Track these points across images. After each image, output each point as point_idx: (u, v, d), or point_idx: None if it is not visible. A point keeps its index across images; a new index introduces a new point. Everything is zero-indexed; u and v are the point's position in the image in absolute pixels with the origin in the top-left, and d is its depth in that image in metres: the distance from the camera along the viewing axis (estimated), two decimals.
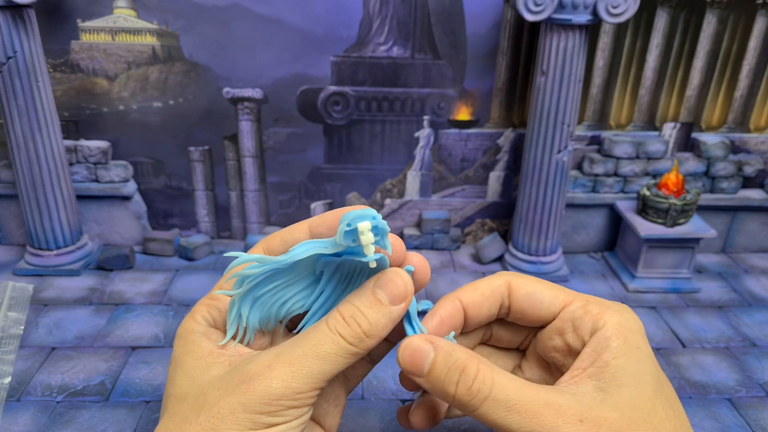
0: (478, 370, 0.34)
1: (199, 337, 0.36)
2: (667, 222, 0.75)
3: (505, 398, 0.33)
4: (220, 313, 0.37)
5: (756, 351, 0.66)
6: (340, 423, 0.53)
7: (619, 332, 0.36)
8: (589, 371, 0.35)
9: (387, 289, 0.34)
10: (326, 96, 0.79)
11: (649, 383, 0.34)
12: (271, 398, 0.32)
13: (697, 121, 0.83)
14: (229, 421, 0.31)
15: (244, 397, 0.32)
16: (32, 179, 0.71)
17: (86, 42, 0.75)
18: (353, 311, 0.34)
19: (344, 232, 0.32)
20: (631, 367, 0.35)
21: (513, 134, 0.82)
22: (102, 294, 0.72)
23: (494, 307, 0.40)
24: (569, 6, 0.63)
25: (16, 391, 0.56)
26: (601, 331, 0.36)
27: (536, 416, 0.32)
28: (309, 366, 0.33)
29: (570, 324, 0.38)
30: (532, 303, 0.39)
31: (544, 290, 0.39)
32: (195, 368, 0.34)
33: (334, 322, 0.34)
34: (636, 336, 0.36)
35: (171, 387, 0.35)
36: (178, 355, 0.36)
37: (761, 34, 0.78)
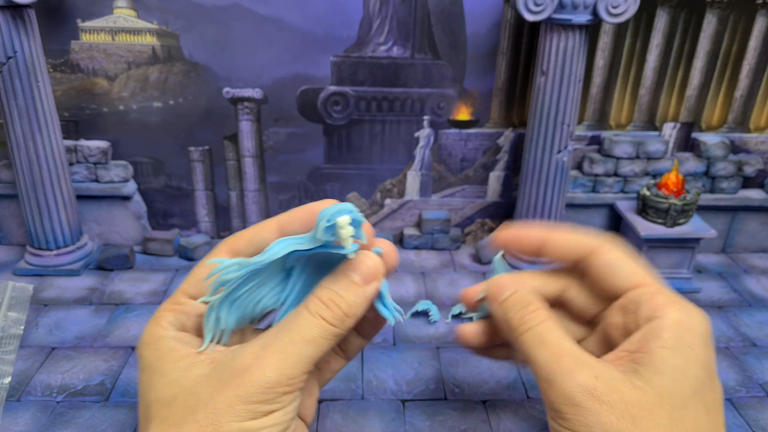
0: (538, 308, 0.39)
1: (171, 341, 0.36)
2: (667, 222, 0.75)
3: (543, 335, 0.37)
4: (188, 317, 0.38)
5: (756, 351, 0.66)
6: (341, 423, 0.53)
7: (675, 327, 0.36)
8: (633, 356, 0.36)
9: (359, 270, 0.36)
10: (326, 96, 0.79)
11: (689, 381, 0.34)
12: (267, 387, 0.33)
13: (697, 121, 0.83)
14: (228, 414, 0.32)
15: (239, 389, 0.33)
16: (32, 179, 0.71)
17: (86, 42, 0.75)
18: (331, 295, 0.36)
19: (324, 228, 0.33)
20: (675, 361, 0.34)
21: (513, 134, 0.82)
22: (102, 294, 0.72)
23: (572, 254, 0.42)
24: (569, 6, 0.63)
25: (16, 391, 0.56)
26: (658, 321, 0.36)
27: (559, 357, 0.35)
28: (298, 351, 0.34)
29: (634, 305, 0.38)
30: (608, 270, 0.40)
31: (624, 264, 0.40)
32: (176, 371, 0.35)
33: (314, 307, 0.35)
34: (693, 336, 0.36)
35: (151, 392, 0.35)
36: (151, 361, 0.36)
37: (761, 34, 0.78)
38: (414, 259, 0.83)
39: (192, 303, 0.38)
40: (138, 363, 0.37)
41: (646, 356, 0.35)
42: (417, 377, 0.60)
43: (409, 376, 0.60)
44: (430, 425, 0.54)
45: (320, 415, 0.54)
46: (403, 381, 0.59)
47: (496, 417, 0.55)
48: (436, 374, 0.60)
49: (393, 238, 0.86)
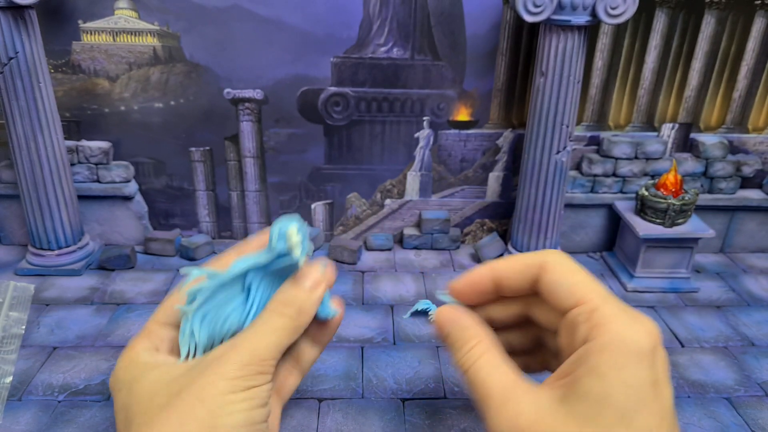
0: (472, 348, 0.40)
1: (146, 359, 0.40)
2: (665, 222, 0.75)
3: (475, 376, 0.39)
4: (161, 341, 0.42)
5: (754, 350, 0.66)
6: (341, 421, 0.53)
7: (606, 349, 0.35)
8: (564, 381, 0.36)
9: (308, 278, 0.42)
10: (326, 97, 0.79)
11: (612, 409, 0.33)
12: (243, 364, 0.38)
13: (695, 122, 0.83)
14: (210, 389, 0.36)
15: (218, 368, 0.37)
16: (34, 179, 0.71)
17: (87, 43, 0.75)
18: (287, 296, 0.42)
19: (276, 238, 0.40)
20: (599, 388, 0.34)
21: (512, 135, 0.82)
22: (103, 294, 0.72)
23: (525, 282, 0.42)
24: (568, 7, 0.64)
25: (18, 390, 0.56)
26: (589, 344, 0.35)
27: (488, 398, 0.38)
28: (266, 338, 0.39)
29: (572, 325, 0.38)
30: (551, 290, 0.40)
31: (565, 283, 0.39)
32: (154, 375, 0.39)
33: (274, 306, 0.41)
34: (625, 358, 0.34)
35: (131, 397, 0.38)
36: (128, 378, 0.39)
37: (760, 35, 0.78)
38: (414, 258, 0.84)
39: (163, 328, 0.43)
40: (113, 389, 0.40)
41: (573, 383, 0.35)
42: (416, 376, 0.60)
43: (409, 375, 0.60)
44: (429, 424, 0.54)
45: (321, 413, 0.55)
46: (403, 380, 0.59)
47: None
48: (436, 373, 0.60)
49: (393, 238, 0.87)
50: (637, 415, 0.33)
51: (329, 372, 0.60)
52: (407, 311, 0.71)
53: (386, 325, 0.68)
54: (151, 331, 0.43)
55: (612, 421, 0.33)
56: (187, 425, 0.35)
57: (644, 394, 0.34)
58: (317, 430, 0.53)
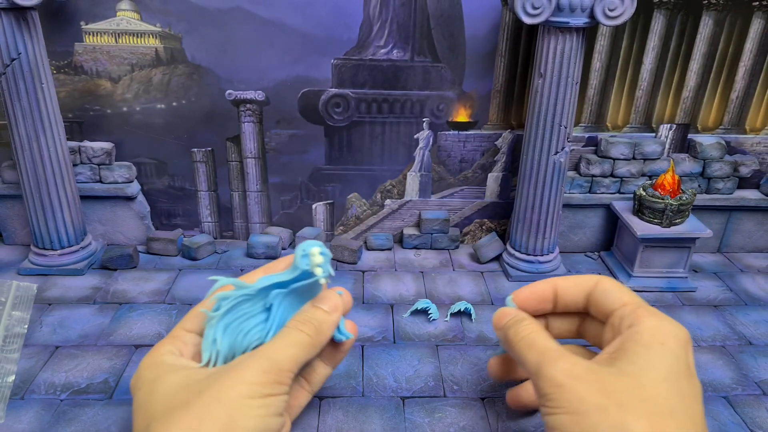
0: (529, 323, 0.46)
1: (170, 361, 0.43)
2: (663, 222, 0.75)
3: (532, 340, 0.44)
4: (186, 346, 0.45)
5: (752, 349, 0.66)
6: (342, 419, 0.54)
7: (649, 330, 0.41)
8: (612, 355, 0.41)
9: (325, 302, 0.47)
10: (327, 98, 0.79)
11: (659, 370, 0.38)
12: (264, 370, 0.40)
13: (693, 123, 0.84)
14: (232, 391, 0.38)
15: (240, 373, 0.39)
16: (36, 180, 0.72)
17: (90, 44, 0.75)
18: (306, 316, 0.45)
19: (302, 256, 0.44)
20: (648, 354, 0.39)
21: (511, 135, 0.83)
22: (106, 293, 0.73)
23: (580, 295, 0.49)
24: (566, 9, 0.64)
25: (20, 389, 0.57)
26: (634, 327, 0.42)
27: (545, 353, 0.42)
28: (286, 351, 0.42)
29: (619, 319, 0.44)
30: (603, 296, 0.47)
31: (615, 291, 0.47)
32: (176, 377, 0.41)
33: (295, 323, 0.45)
34: (666, 336, 0.40)
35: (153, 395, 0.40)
36: (151, 377, 0.41)
37: (757, 36, 0.78)
38: (414, 258, 0.84)
39: (189, 335, 0.45)
40: (134, 388, 0.42)
41: (621, 352, 0.41)
42: (416, 374, 0.60)
43: (409, 374, 0.60)
44: (429, 422, 0.54)
45: (321, 411, 0.55)
46: (403, 378, 0.60)
47: (494, 414, 0.55)
48: (435, 371, 0.61)
49: (393, 238, 0.87)
50: (680, 379, 0.38)
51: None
52: (407, 310, 0.71)
53: (386, 324, 0.68)
54: (177, 336, 0.45)
55: (657, 379, 0.38)
56: (205, 424, 0.37)
57: (685, 367, 0.39)
58: (318, 428, 0.53)
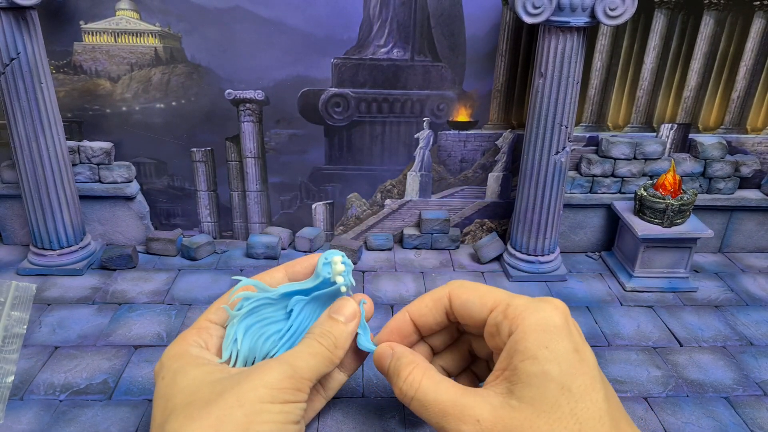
0: (409, 374, 0.42)
1: (195, 353, 0.43)
2: (664, 222, 0.75)
3: (424, 399, 0.41)
4: (210, 338, 0.45)
5: (753, 350, 0.66)
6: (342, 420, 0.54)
7: (529, 334, 0.39)
8: (505, 374, 0.40)
9: (341, 312, 0.46)
10: (327, 98, 0.79)
11: (554, 382, 0.37)
12: (285, 376, 0.40)
13: (694, 122, 0.83)
14: (252, 394, 0.38)
15: (261, 376, 0.39)
16: (35, 180, 0.72)
17: (89, 44, 0.75)
18: (323, 330, 0.45)
19: (324, 263, 0.46)
20: (536, 368, 0.38)
21: (511, 135, 0.83)
22: (105, 293, 0.73)
23: (439, 315, 0.47)
24: (567, 8, 0.64)
25: (19, 389, 0.56)
26: (514, 335, 0.40)
27: (444, 415, 0.39)
28: (305, 360, 0.42)
29: (495, 328, 0.42)
30: (465, 311, 0.45)
31: (475, 298, 0.44)
32: (199, 373, 0.41)
33: (313, 335, 0.45)
34: (547, 335, 0.39)
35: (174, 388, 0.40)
36: (176, 368, 0.42)
37: (758, 36, 0.78)
38: (414, 258, 0.84)
39: (214, 326, 0.46)
40: (158, 374, 0.42)
41: (513, 373, 0.39)
42: None
43: None
44: None
45: (321, 412, 0.55)
46: None
47: None
48: None
49: (393, 238, 0.87)
50: (573, 380, 0.37)
51: None
52: None
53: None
54: (203, 328, 0.45)
55: (556, 393, 0.37)
56: (224, 424, 0.37)
57: (572, 360, 0.38)
58: (318, 428, 0.53)
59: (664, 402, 0.58)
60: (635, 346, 0.66)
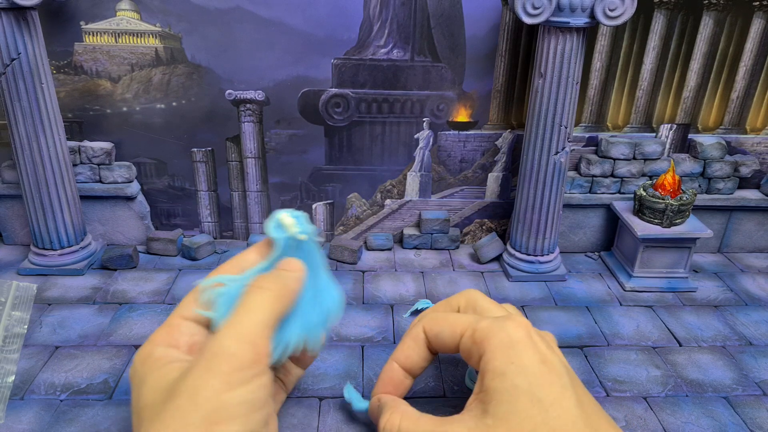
0: (389, 419, 0.44)
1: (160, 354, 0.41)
2: (663, 222, 0.75)
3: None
4: (181, 335, 0.43)
5: (752, 350, 0.66)
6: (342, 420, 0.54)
7: (496, 354, 0.41)
8: (480, 396, 0.41)
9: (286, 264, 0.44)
10: (327, 98, 0.79)
11: (523, 395, 0.38)
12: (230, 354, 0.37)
13: (693, 123, 0.84)
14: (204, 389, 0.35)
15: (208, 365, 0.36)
16: (36, 180, 0.72)
17: (89, 44, 0.75)
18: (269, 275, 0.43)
19: (275, 227, 0.43)
20: (505, 383, 0.39)
21: (511, 135, 0.83)
22: (105, 293, 0.73)
23: (423, 351, 0.48)
24: (567, 9, 0.64)
25: (20, 389, 0.57)
26: (484, 357, 0.42)
27: None
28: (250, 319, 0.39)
29: (467, 353, 0.44)
30: (440, 342, 0.46)
31: (446, 328, 0.46)
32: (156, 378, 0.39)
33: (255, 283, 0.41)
34: (512, 351, 0.40)
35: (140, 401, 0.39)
36: (142, 374, 0.40)
37: (758, 36, 0.78)
38: (414, 258, 0.84)
39: (186, 323, 0.43)
40: (131, 381, 0.41)
41: (486, 393, 0.40)
42: None
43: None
44: None
45: (321, 412, 0.55)
46: None
47: None
48: (435, 372, 0.61)
49: (393, 238, 0.87)
50: (542, 390, 0.38)
51: (330, 371, 0.60)
52: (407, 310, 0.71)
53: (386, 325, 0.68)
54: (173, 325, 0.42)
55: (527, 405, 0.38)
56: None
57: (540, 371, 0.39)
58: (318, 428, 0.53)
59: (664, 402, 0.58)
60: (635, 346, 0.66)
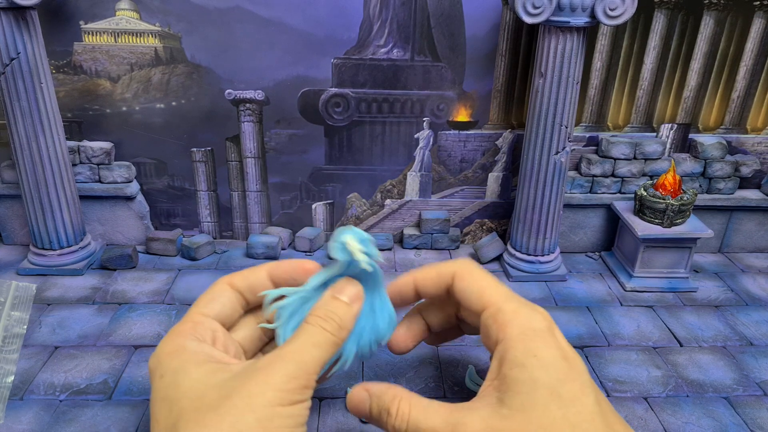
0: (398, 409, 0.41)
1: (194, 348, 0.41)
2: (664, 222, 0.75)
3: (417, 428, 0.40)
4: (205, 331, 0.42)
5: (753, 350, 0.66)
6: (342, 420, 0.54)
7: (517, 342, 0.40)
8: (495, 383, 0.40)
9: (344, 292, 0.43)
10: (327, 98, 0.79)
11: (543, 388, 0.37)
12: (291, 376, 0.37)
13: (694, 122, 0.83)
14: (261, 398, 0.36)
15: (268, 377, 0.37)
16: (35, 180, 0.72)
17: (89, 44, 0.75)
18: (326, 311, 0.42)
19: (338, 249, 0.41)
20: (525, 375, 0.38)
21: (511, 135, 0.83)
22: (105, 293, 0.73)
23: (440, 289, 0.47)
24: (567, 8, 0.64)
25: (20, 389, 0.57)
26: (502, 343, 0.40)
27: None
28: (309, 352, 0.40)
29: (486, 329, 0.43)
30: (463, 296, 0.45)
31: (474, 289, 0.45)
32: (201, 373, 0.39)
33: (315, 319, 0.42)
34: (534, 343, 0.40)
35: (178, 390, 0.38)
36: (175, 366, 0.39)
37: (758, 36, 0.78)
38: (414, 258, 0.84)
39: (208, 320, 0.43)
40: (155, 371, 0.40)
41: (503, 382, 0.39)
42: (417, 375, 0.60)
43: (409, 374, 0.60)
44: None
45: (321, 412, 0.55)
46: (403, 379, 0.60)
47: None
48: (436, 372, 0.61)
49: (393, 238, 0.87)
50: (562, 385, 0.38)
51: None
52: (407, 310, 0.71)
53: None
54: (197, 322, 0.43)
55: (546, 399, 0.37)
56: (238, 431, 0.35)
57: (561, 367, 0.39)
58: (318, 428, 0.53)
59: (664, 402, 0.58)
60: (635, 346, 0.66)
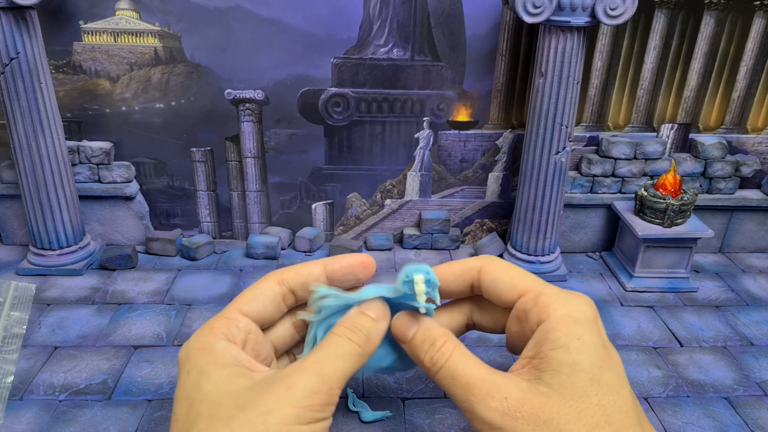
0: (443, 344, 0.40)
1: (222, 349, 0.39)
2: (664, 222, 0.75)
3: (453, 370, 0.39)
4: (238, 331, 0.41)
5: (753, 350, 0.66)
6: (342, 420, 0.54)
7: (560, 324, 0.39)
8: (533, 362, 0.39)
9: (372, 310, 0.42)
10: (327, 97, 0.79)
11: (584, 372, 0.37)
12: (312, 391, 0.36)
13: (694, 122, 0.83)
14: (277, 414, 0.34)
15: (287, 392, 0.35)
16: (35, 180, 0.71)
17: (88, 43, 0.75)
18: (354, 323, 0.41)
19: (403, 281, 0.41)
20: (567, 357, 0.38)
21: (512, 135, 0.83)
22: (104, 293, 0.73)
23: (463, 285, 0.45)
24: (567, 8, 0.64)
25: (19, 390, 0.56)
26: (545, 324, 0.39)
27: (472, 388, 0.38)
28: (333, 365, 0.38)
29: (523, 313, 0.42)
30: (494, 288, 0.44)
31: (506, 278, 0.43)
32: (223, 377, 0.37)
33: (342, 330, 0.40)
34: (579, 327, 0.39)
35: (199, 393, 0.37)
36: (202, 364, 0.38)
37: (759, 36, 0.78)
38: (414, 258, 0.84)
39: (243, 319, 0.42)
40: (183, 366, 0.39)
41: (543, 361, 0.38)
42: (417, 375, 0.60)
43: (409, 375, 0.60)
44: (429, 423, 0.54)
45: None
46: (403, 379, 0.59)
47: None
48: None
49: (393, 238, 0.87)
50: (602, 373, 0.37)
51: None
52: None
53: None
54: (231, 319, 0.42)
55: (585, 383, 0.37)
56: None
57: (602, 355, 0.38)
58: None
59: (665, 402, 0.58)
60: (636, 347, 0.66)
